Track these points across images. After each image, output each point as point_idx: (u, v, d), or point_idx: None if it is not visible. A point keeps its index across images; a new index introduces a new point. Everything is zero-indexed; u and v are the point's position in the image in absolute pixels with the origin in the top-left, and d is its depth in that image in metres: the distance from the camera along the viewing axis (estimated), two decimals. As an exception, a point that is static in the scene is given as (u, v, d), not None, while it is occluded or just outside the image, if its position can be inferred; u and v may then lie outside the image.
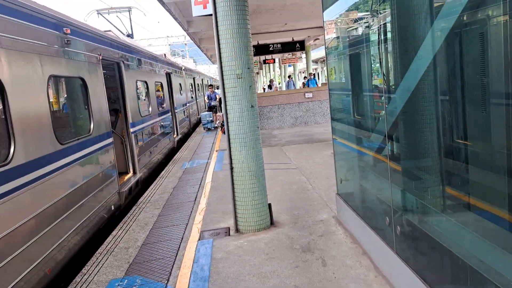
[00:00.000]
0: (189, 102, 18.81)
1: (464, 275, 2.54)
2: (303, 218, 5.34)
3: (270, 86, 25.55)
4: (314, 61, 50.09)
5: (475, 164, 2.75)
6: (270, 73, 45.34)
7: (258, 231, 5.02)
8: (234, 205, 5.11)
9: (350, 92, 5.03)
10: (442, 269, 2.83)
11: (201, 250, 4.71)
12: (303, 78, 25.85)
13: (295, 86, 24.45)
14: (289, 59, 30.29)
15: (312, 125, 14.92)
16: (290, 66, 40.26)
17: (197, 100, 22.67)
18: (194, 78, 22.39)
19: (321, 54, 47.86)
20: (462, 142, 2.93)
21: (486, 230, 2.51)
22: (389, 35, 3.53)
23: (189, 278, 4.09)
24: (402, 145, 3.48)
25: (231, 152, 4.99)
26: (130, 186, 7.63)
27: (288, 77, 25.89)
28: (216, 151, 11.40)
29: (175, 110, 14.43)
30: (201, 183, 8.00)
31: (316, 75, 37.96)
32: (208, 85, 18.39)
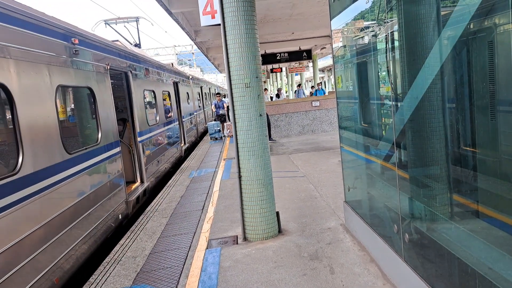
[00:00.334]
0: (196, 111, 18.90)
1: (473, 283, 2.52)
2: (311, 226, 5.33)
3: (278, 95, 25.56)
4: (321, 69, 50.21)
5: (483, 171, 2.73)
6: (277, 81, 45.46)
7: (266, 239, 5.01)
8: (242, 213, 5.10)
9: (358, 100, 5.03)
10: (451, 276, 2.80)
11: (209, 259, 4.71)
12: (311, 87, 25.86)
13: (305, 94, 24.45)
14: (296, 68, 30.35)
15: (319, 133, 14.91)
16: (297, 75, 40.33)
17: (204, 109, 22.78)
18: (201, 87, 22.52)
19: (327, 62, 47.97)
20: (470, 149, 2.92)
21: (495, 237, 2.49)
22: (396, 44, 3.54)
23: (197, 287, 4.09)
24: (410, 153, 3.47)
25: (240, 160, 5.01)
26: (137, 195, 7.66)
27: (298, 85, 25.97)
28: (223, 160, 11.42)
29: (183, 119, 14.50)
30: (208, 192, 8.01)
31: (323, 84, 38.03)
32: (216, 93, 18.30)
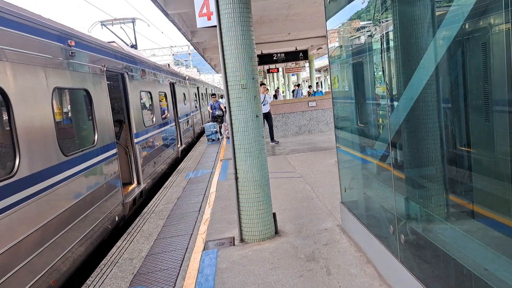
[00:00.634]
0: (193, 112, 18.88)
1: (469, 284, 2.53)
2: (308, 227, 5.33)
3: (275, 96, 25.56)
4: (317, 70, 50.26)
5: (478, 171, 2.74)
6: (274, 82, 45.49)
7: (262, 241, 5.01)
8: (239, 214, 5.10)
9: (354, 100, 5.04)
10: (446, 277, 2.81)
11: (205, 261, 4.70)
12: (308, 87, 25.93)
13: (303, 95, 24.50)
14: (292, 68, 30.42)
15: (316, 133, 14.93)
16: (293, 75, 40.38)
17: (201, 109, 22.76)
18: (198, 88, 22.50)
19: (324, 63, 48.05)
20: (465, 149, 2.93)
21: (490, 238, 2.50)
22: (391, 44, 3.56)
23: (193, 289, 4.08)
24: (406, 153, 3.48)
25: (236, 161, 5.01)
26: (134, 196, 7.64)
27: (296, 85, 26.06)
28: (220, 161, 11.41)
29: (179, 120, 14.48)
30: (205, 193, 8.00)
31: (320, 84, 38.09)
32: (211, 94, 18.14)
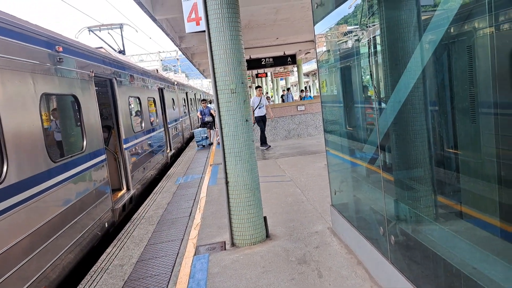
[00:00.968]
0: (182, 117, 18.82)
1: (458, 283, 2.57)
2: (298, 230, 5.35)
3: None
4: (306, 74, 50.53)
5: (466, 172, 2.79)
6: (262, 86, 45.62)
7: (254, 245, 5.01)
8: (230, 219, 5.10)
9: (342, 104, 5.09)
10: (436, 277, 2.85)
11: (197, 265, 4.69)
12: (300, 91, 26.15)
13: (293, 99, 24.61)
14: (281, 73, 30.57)
15: (305, 137, 15.00)
16: (282, 79, 40.58)
17: (190, 114, 22.71)
18: (186, 93, 22.46)
19: (312, 67, 48.34)
20: (453, 151, 2.99)
21: (478, 237, 2.54)
22: (378, 48, 3.61)
23: (185, 294, 4.06)
24: (394, 155, 3.52)
25: (226, 166, 5.01)
26: (123, 202, 7.59)
27: (287, 89, 26.17)
28: (210, 166, 11.39)
29: (168, 125, 14.43)
30: (195, 198, 7.98)
31: (308, 88, 38.34)
32: (201, 100, 18.00)
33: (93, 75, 6.77)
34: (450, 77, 2.93)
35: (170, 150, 14.38)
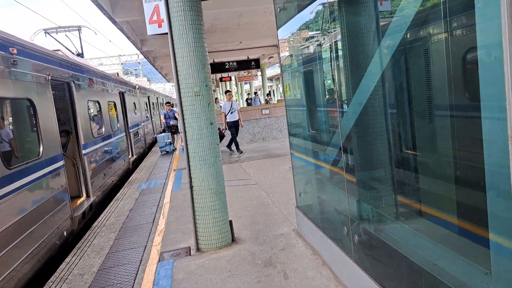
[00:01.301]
0: (144, 122, 18.45)
1: (420, 280, 2.65)
2: (264, 233, 5.36)
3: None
4: (269, 78, 50.90)
5: (424, 172, 2.90)
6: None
7: (219, 249, 4.97)
8: (195, 223, 5.03)
9: (305, 107, 5.16)
10: (399, 275, 2.93)
11: (161, 272, 4.59)
12: (266, 95, 26.46)
13: (261, 102, 24.71)
14: (245, 77, 30.57)
15: (270, 140, 15.10)
16: (246, 84, 40.64)
17: (152, 119, 22.31)
18: (148, 97, 22.06)
19: (275, 72, 48.74)
20: (411, 152, 3.09)
21: (438, 235, 2.64)
22: (340, 53, 3.69)
23: (149, 302, 3.97)
24: (356, 157, 3.60)
25: (191, 170, 4.94)
26: (83, 210, 7.33)
27: (254, 93, 26.28)
28: (174, 171, 11.22)
29: (130, 130, 14.10)
30: (159, 204, 7.82)
31: (272, 93, 38.67)
32: (165, 103, 17.51)
33: (49, 79, 6.51)
34: (408, 80, 3.04)
35: (132, 155, 14.05)
